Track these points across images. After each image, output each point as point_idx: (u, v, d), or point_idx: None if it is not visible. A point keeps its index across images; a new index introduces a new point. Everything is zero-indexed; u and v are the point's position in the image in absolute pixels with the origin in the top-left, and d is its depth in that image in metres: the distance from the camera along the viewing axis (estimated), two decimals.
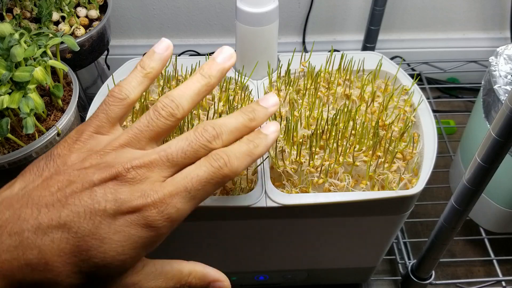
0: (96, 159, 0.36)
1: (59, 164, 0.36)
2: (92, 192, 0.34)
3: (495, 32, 1.17)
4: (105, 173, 0.34)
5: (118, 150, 0.36)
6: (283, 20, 1.11)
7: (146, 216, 0.34)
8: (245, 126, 0.40)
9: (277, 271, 0.77)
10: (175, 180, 0.36)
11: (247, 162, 0.38)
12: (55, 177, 0.35)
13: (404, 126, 0.62)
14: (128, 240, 0.33)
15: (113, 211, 0.33)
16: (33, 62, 0.62)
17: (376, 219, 0.62)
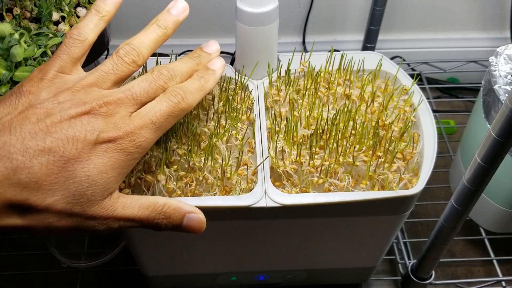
0: (68, 95, 0.40)
1: (32, 99, 0.39)
2: (71, 123, 0.38)
3: (495, 32, 1.17)
4: (81, 108, 0.39)
5: (87, 89, 0.41)
6: (283, 20, 1.11)
7: (120, 144, 0.39)
8: (193, 69, 0.48)
9: (277, 271, 0.77)
10: (140, 114, 0.41)
11: (200, 96, 0.46)
12: (32, 110, 0.38)
13: (404, 126, 0.62)
14: (108, 161, 0.39)
15: (93, 139, 0.38)
16: (33, 62, 0.62)
17: (376, 219, 0.62)
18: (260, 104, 0.66)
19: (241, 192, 0.57)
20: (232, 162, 0.58)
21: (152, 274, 0.75)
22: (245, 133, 0.62)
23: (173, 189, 0.56)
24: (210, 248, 0.68)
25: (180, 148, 0.59)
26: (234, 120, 0.62)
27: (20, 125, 0.37)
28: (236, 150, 0.61)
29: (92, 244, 0.90)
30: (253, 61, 0.67)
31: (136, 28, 1.23)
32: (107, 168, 0.39)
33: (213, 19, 1.11)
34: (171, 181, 0.57)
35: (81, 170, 0.38)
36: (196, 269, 0.74)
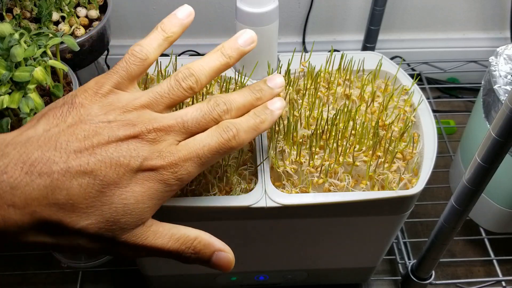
0: (119, 115, 0.39)
1: (83, 114, 0.38)
2: (118, 146, 0.37)
3: (495, 32, 1.17)
4: (129, 131, 0.38)
5: (139, 110, 0.40)
6: (283, 20, 1.11)
7: (162, 174, 0.38)
8: (252, 104, 0.45)
9: (277, 271, 0.77)
10: (188, 145, 0.40)
11: (253, 135, 0.43)
12: (81, 126, 0.37)
13: (404, 126, 0.62)
14: (146, 191, 0.38)
15: (136, 166, 0.37)
16: (33, 62, 0.62)
17: (376, 219, 0.62)
18: None
19: (241, 192, 0.57)
20: (232, 162, 0.59)
21: (152, 274, 0.75)
22: None
23: None
24: None
25: None
26: None
27: (67, 141, 0.36)
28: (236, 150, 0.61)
29: None
30: (253, 61, 0.67)
31: (136, 28, 1.24)
32: (145, 198, 0.38)
33: (213, 19, 1.11)
34: None
35: (119, 197, 0.37)
36: (196, 269, 0.74)
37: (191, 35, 1.14)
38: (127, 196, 0.37)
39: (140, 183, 0.37)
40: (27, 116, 0.59)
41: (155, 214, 0.41)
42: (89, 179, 0.35)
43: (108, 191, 0.36)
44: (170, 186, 0.39)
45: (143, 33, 1.19)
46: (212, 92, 0.67)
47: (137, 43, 0.43)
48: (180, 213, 0.58)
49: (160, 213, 0.57)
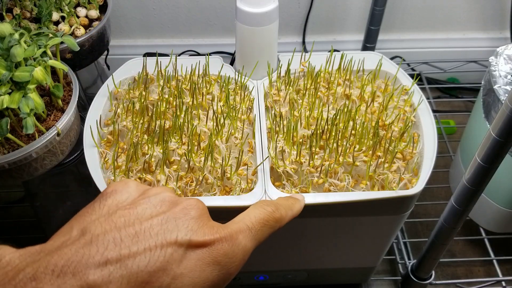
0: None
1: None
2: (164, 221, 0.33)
3: (495, 32, 1.17)
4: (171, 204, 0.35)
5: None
6: (283, 20, 1.11)
7: (216, 250, 0.33)
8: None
9: (277, 271, 0.77)
10: (234, 221, 0.37)
11: (290, 214, 0.43)
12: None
13: (404, 126, 0.62)
14: (199, 277, 0.32)
15: (185, 241, 0.32)
16: (33, 62, 0.62)
17: (376, 219, 0.62)
18: (260, 104, 0.66)
19: (241, 192, 0.57)
20: (232, 162, 0.59)
21: None
22: (243, 132, 0.62)
23: (173, 189, 0.56)
24: None
25: (180, 148, 0.59)
26: (234, 120, 0.62)
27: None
28: (236, 150, 0.61)
29: None
30: (253, 61, 0.67)
31: (136, 28, 1.24)
32: (197, 286, 0.32)
33: (213, 19, 1.11)
34: (171, 181, 0.57)
35: (173, 284, 0.31)
36: None
37: (191, 35, 1.14)
38: (177, 285, 0.31)
39: (191, 266, 0.32)
40: (27, 116, 0.59)
41: None
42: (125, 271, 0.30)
43: (155, 280, 0.30)
44: (227, 268, 0.34)
45: (143, 33, 1.20)
46: (212, 92, 0.67)
47: None
48: None
49: None
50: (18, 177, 0.65)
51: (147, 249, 0.30)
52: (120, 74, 0.69)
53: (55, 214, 0.93)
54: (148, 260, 0.30)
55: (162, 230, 0.32)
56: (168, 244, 0.31)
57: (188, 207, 0.34)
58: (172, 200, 0.35)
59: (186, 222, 0.33)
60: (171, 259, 0.31)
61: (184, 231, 0.32)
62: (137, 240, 0.31)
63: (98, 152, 0.60)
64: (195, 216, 0.34)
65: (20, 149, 0.61)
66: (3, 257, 0.29)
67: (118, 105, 0.65)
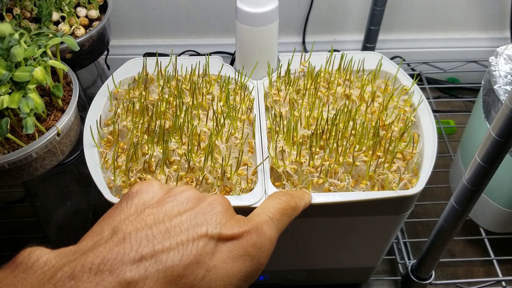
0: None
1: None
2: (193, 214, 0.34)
3: (495, 32, 1.17)
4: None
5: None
6: (283, 20, 1.11)
7: (246, 242, 0.34)
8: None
9: (277, 271, 0.77)
10: (255, 214, 0.38)
11: (303, 204, 0.44)
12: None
13: (404, 126, 0.62)
14: (232, 268, 0.33)
15: (215, 234, 0.33)
16: (33, 62, 0.62)
17: (376, 219, 0.62)
18: (260, 104, 0.66)
19: (241, 192, 0.57)
20: (232, 162, 0.58)
21: None
22: (243, 132, 0.62)
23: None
24: None
25: (180, 148, 0.59)
26: (234, 120, 0.62)
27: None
28: (236, 150, 0.61)
29: None
30: (253, 61, 0.67)
31: (136, 28, 1.24)
32: (231, 278, 0.32)
33: (213, 19, 1.11)
34: (171, 181, 0.57)
35: (201, 280, 0.31)
36: None
37: (191, 35, 1.14)
38: (211, 278, 0.32)
39: (224, 258, 0.33)
40: (27, 116, 0.59)
41: None
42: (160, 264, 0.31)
43: (190, 273, 0.31)
44: (257, 259, 0.35)
45: (143, 33, 1.20)
46: (212, 92, 0.67)
47: None
48: None
49: None
50: (18, 177, 0.65)
51: (179, 243, 0.31)
52: (120, 74, 0.69)
53: (55, 214, 0.93)
54: (182, 254, 0.30)
55: (192, 224, 0.32)
56: (200, 237, 0.32)
57: (214, 202, 0.35)
58: (198, 197, 0.35)
59: (214, 216, 0.34)
60: (203, 252, 0.31)
61: (213, 224, 0.33)
62: (169, 235, 0.31)
63: (98, 152, 0.60)
64: (221, 210, 0.35)
65: (20, 149, 0.61)
66: (40, 257, 0.29)
67: (118, 105, 0.65)
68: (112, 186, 0.57)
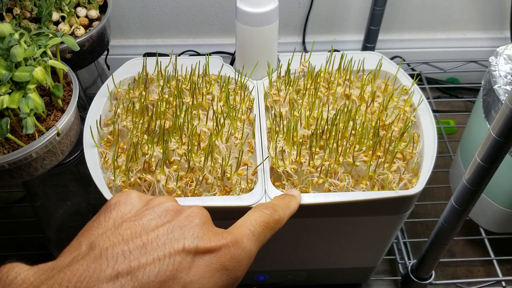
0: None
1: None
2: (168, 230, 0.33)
3: (495, 32, 1.17)
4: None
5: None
6: (283, 20, 1.11)
7: (224, 255, 0.33)
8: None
9: (277, 271, 0.77)
10: (236, 226, 0.38)
11: (288, 213, 0.44)
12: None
13: (404, 126, 0.62)
14: (208, 283, 0.32)
15: (193, 248, 0.32)
16: (33, 62, 0.62)
17: (376, 219, 0.62)
18: (260, 104, 0.66)
19: (241, 192, 0.57)
20: (232, 162, 0.58)
21: None
22: (243, 132, 0.62)
23: (173, 189, 0.56)
24: None
25: (180, 148, 0.59)
26: (234, 120, 0.62)
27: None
28: (236, 150, 0.61)
29: None
30: (253, 61, 0.67)
31: (136, 28, 1.24)
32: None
33: (213, 19, 1.11)
34: (171, 181, 0.57)
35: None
36: None
37: (191, 35, 1.14)
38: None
39: (200, 273, 0.32)
40: (27, 116, 0.59)
41: None
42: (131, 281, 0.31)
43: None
44: (234, 272, 0.34)
45: (143, 33, 1.20)
46: (212, 92, 0.67)
47: None
48: None
49: None
50: (18, 177, 0.65)
51: (156, 259, 0.31)
52: (120, 74, 0.69)
53: (55, 214, 0.92)
54: (158, 270, 0.30)
55: (169, 239, 0.32)
56: (176, 253, 0.31)
57: (192, 214, 0.35)
58: (176, 209, 0.35)
59: (192, 229, 0.33)
60: (180, 267, 0.31)
61: (190, 238, 0.33)
62: (145, 251, 0.31)
63: (98, 152, 0.60)
64: (199, 223, 0.34)
65: (20, 149, 0.61)
66: (18, 275, 0.29)
67: (118, 105, 0.65)
68: (112, 186, 0.57)
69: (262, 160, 0.59)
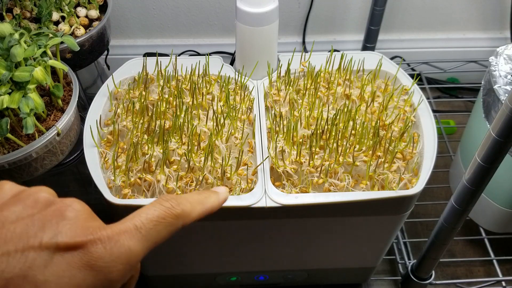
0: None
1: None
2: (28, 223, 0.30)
3: (495, 32, 1.17)
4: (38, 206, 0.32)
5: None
6: (283, 20, 1.11)
7: (90, 253, 0.29)
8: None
9: (277, 271, 0.77)
10: (122, 220, 0.33)
11: (200, 209, 0.37)
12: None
13: (404, 126, 0.62)
14: (68, 283, 0.29)
15: (52, 244, 0.29)
16: (33, 62, 0.62)
17: (376, 219, 0.62)
18: (260, 104, 0.66)
19: (241, 192, 0.57)
20: (232, 162, 0.58)
21: (152, 274, 0.75)
22: (243, 132, 0.62)
23: (173, 189, 0.56)
24: (210, 248, 0.68)
25: (180, 148, 0.59)
26: (234, 120, 0.62)
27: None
28: (236, 150, 0.61)
29: None
30: (253, 61, 0.67)
31: (136, 28, 1.24)
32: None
33: (213, 19, 1.11)
34: (171, 181, 0.57)
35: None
36: (196, 269, 0.74)
37: (191, 35, 1.14)
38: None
39: (58, 272, 0.29)
40: (27, 116, 0.59)
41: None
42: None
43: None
44: (106, 274, 0.30)
45: (143, 33, 1.20)
46: (212, 92, 0.67)
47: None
48: None
49: None
50: (18, 177, 0.65)
51: (5, 253, 0.28)
52: (120, 74, 0.69)
53: None
54: (5, 266, 0.27)
55: (25, 233, 0.29)
56: (30, 248, 0.28)
57: (62, 208, 0.31)
58: (46, 201, 0.32)
59: (56, 224, 0.30)
60: (33, 265, 0.28)
61: (50, 234, 0.29)
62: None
63: (98, 152, 0.60)
64: (68, 217, 0.31)
65: (20, 149, 0.61)
66: None
67: (118, 105, 0.65)
68: (112, 186, 0.57)
69: (262, 160, 0.59)
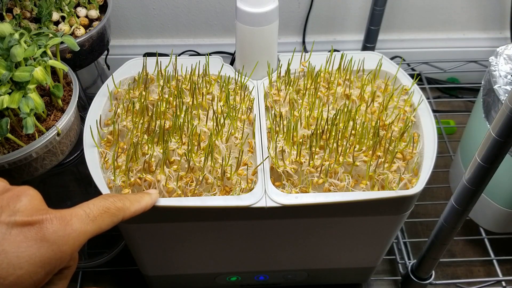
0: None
1: None
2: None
3: (495, 32, 1.17)
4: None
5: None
6: (283, 20, 1.11)
7: (45, 228, 0.35)
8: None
9: (277, 271, 0.77)
10: (73, 208, 0.39)
11: (137, 206, 0.46)
12: None
13: (404, 126, 0.62)
14: (24, 252, 0.34)
15: (11, 221, 0.34)
16: (33, 62, 0.62)
17: (376, 219, 0.62)
18: (260, 104, 0.66)
19: (241, 192, 0.57)
20: (232, 162, 0.58)
21: (152, 274, 0.75)
22: (243, 132, 0.62)
23: (173, 189, 0.56)
24: (210, 248, 0.68)
25: (180, 148, 0.59)
26: (234, 120, 0.62)
27: None
28: (236, 150, 0.61)
29: (92, 244, 0.90)
30: (253, 61, 0.67)
31: (136, 28, 1.24)
32: (22, 261, 0.34)
33: (213, 19, 1.11)
34: (171, 181, 0.57)
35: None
36: (196, 269, 0.74)
37: (191, 35, 1.14)
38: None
39: (15, 242, 0.34)
40: (27, 116, 0.59)
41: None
42: None
43: None
44: (58, 246, 0.36)
45: (143, 33, 1.20)
46: (212, 92, 0.67)
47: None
48: (179, 213, 0.58)
49: (159, 214, 0.57)
50: (18, 177, 0.65)
51: None
52: (120, 74, 0.69)
53: None
54: None
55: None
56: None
57: (18, 193, 0.36)
58: (3, 188, 0.37)
59: (13, 206, 0.35)
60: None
61: (8, 213, 0.35)
62: None
63: (98, 152, 0.60)
64: (24, 201, 0.36)
65: (20, 149, 0.61)
66: None
67: (118, 105, 0.65)
68: (112, 186, 0.57)
69: (262, 160, 0.59)
